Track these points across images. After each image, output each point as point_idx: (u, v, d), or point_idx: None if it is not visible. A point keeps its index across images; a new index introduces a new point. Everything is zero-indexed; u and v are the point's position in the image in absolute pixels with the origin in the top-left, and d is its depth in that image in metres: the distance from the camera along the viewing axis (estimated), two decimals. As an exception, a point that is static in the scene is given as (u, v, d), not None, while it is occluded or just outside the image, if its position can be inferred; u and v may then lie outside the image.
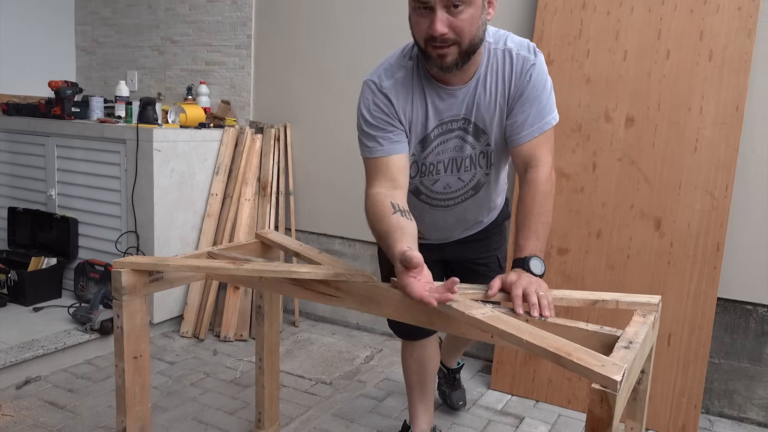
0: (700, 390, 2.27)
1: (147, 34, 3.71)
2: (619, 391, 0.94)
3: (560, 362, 1.03)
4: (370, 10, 3.01)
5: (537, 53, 1.50)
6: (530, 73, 1.48)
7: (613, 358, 1.03)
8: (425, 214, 1.70)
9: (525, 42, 1.51)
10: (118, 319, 1.51)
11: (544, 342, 1.07)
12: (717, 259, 2.24)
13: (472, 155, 1.58)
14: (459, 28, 1.34)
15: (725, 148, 2.23)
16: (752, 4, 2.20)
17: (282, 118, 3.31)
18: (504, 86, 1.49)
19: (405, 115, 1.51)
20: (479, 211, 1.74)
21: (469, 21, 1.34)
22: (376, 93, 1.51)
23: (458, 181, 1.63)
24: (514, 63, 1.48)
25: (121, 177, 2.96)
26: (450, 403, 2.35)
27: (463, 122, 1.53)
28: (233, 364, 2.74)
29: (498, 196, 1.74)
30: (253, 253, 1.88)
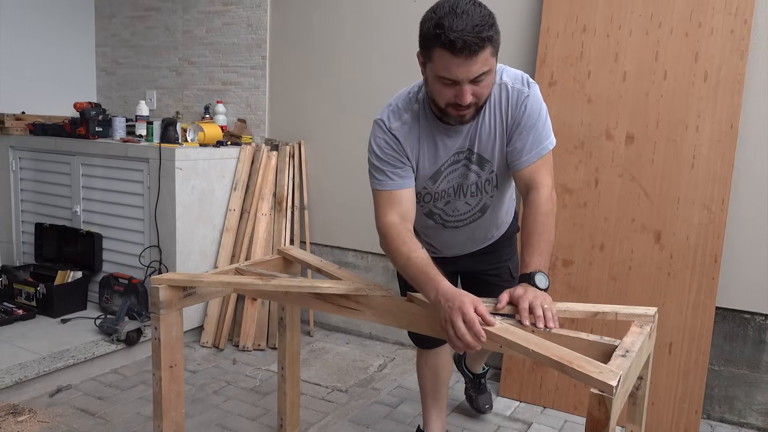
0: (701, 396, 2.37)
1: (165, 56, 3.87)
2: (615, 395, 1.06)
3: (563, 370, 1.14)
4: (381, 32, 3.14)
5: (531, 85, 1.62)
6: (525, 104, 1.60)
7: (610, 366, 1.15)
8: (438, 234, 1.85)
9: (519, 75, 1.63)
10: (155, 331, 1.64)
11: (548, 351, 1.19)
12: (715, 270, 2.35)
13: (477, 182, 1.71)
14: (480, 94, 1.48)
15: (721, 164, 2.35)
16: (744, 27, 2.32)
17: (296, 135, 3.44)
18: (502, 117, 1.62)
19: (412, 154, 1.64)
20: (488, 228, 1.87)
21: (487, 85, 1.49)
22: (386, 132, 1.64)
23: (466, 204, 1.76)
24: (509, 96, 1.60)
25: (144, 194, 3.10)
26: (476, 406, 2.46)
27: (467, 153, 1.66)
28: (252, 372, 2.86)
29: (506, 213, 1.87)
30: (276, 268, 2.00)
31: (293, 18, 3.40)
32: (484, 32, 1.37)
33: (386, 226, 1.58)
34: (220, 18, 3.61)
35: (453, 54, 1.38)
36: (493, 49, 1.42)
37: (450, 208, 1.77)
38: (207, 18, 3.66)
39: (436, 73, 1.45)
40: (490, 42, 1.40)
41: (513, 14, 2.79)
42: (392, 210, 1.60)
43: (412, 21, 2.99)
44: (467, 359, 2.45)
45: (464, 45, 1.36)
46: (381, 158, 1.63)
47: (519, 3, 2.77)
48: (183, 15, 3.75)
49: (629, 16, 2.49)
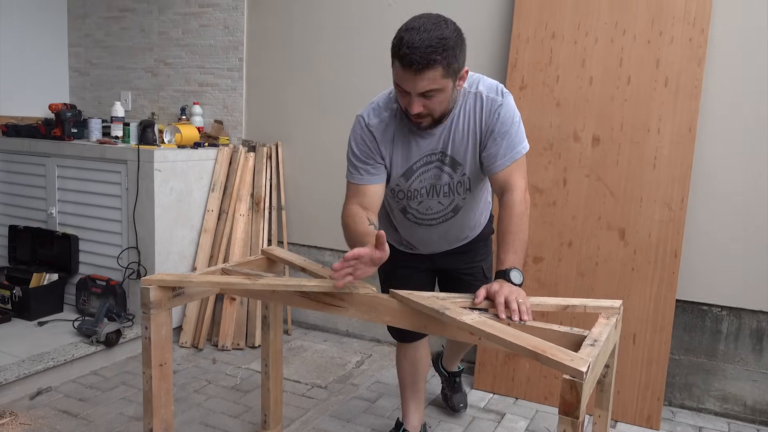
0: (663, 384, 2.51)
1: (141, 57, 3.87)
2: (585, 380, 1.16)
3: (537, 358, 1.24)
4: (359, 34, 3.22)
5: (504, 95, 1.73)
6: (498, 112, 1.71)
7: (580, 354, 1.25)
8: (414, 231, 1.96)
9: (494, 85, 1.75)
10: (146, 331, 1.69)
11: (523, 341, 1.28)
12: (675, 265, 2.49)
13: (450, 183, 1.82)
14: (431, 108, 1.61)
15: (680, 165, 2.49)
16: (701, 36, 2.46)
17: (273, 136, 3.50)
18: (476, 124, 1.73)
19: (386, 151, 1.77)
20: (461, 228, 1.97)
21: (440, 102, 1.60)
22: (364, 129, 1.78)
23: (438, 204, 1.87)
24: (483, 104, 1.72)
25: (122, 196, 3.12)
26: (451, 405, 2.53)
27: (440, 155, 1.78)
28: (233, 371, 2.91)
29: (480, 215, 1.97)
30: (261, 267, 2.06)
31: (270, 20, 3.45)
32: (433, 54, 1.48)
33: (345, 211, 1.77)
34: (197, 20, 3.63)
35: (402, 67, 1.53)
36: (444, 71, 1.52)
37: (423, 207, 1.88)
38: (183, 19, 3.68)
39: (394, 80, 1.61)
40: (440, 64, 1.50)
41: (485, 21, 2.89)
42: (355, 200, 1.77)
43: (390, 24, 3.09)
44: (443, 358, 2.54)
45: (411, 62, 1.49)
46: (356, 153, 1.78)
47: (491, 10, 2.87)
48: (159, 16, 3.76)
49: (595, 23, 2.61)
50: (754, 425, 2.56)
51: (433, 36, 1.49)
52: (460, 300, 1.58)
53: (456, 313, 1.46)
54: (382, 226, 2.06)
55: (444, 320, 1.48)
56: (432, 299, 1.57)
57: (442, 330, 1.56)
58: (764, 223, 2.48)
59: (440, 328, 1.56)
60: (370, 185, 1.78)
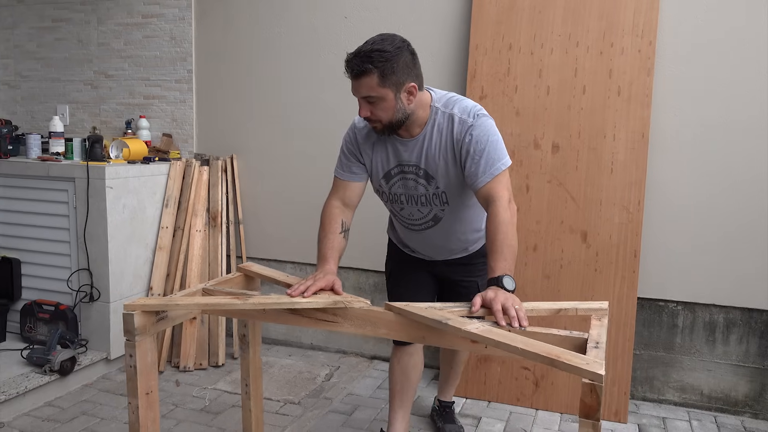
0: (628, 379, 2.63)
1: (78, 69, 3.69)
2: (603, 382, 1.20)
3: (553, 364, 1.27)
4: (312, 47, 3.19)
5: (478, 117, 1.81)
6: (470, 133, 1.79)
7: (591, 357, 1.29)
8: (405, 234, 2.09)
9: (470, 108, 1.83)
10: (130, 359, 1.60)
11: (536, 348, 1.31)
12: (635, 265, 2.61)
13: (425, 194, 1.92)
14: (376, 114, 1.76)
15: (635, 169, 2.62)
16: (649, 47, 2.61)
17: (227, 149, 3.41)
18: (447, 144, 1.83)
19: (367, 154, 1.93)
20: (446, 238, 2.01)
21: (383, 109, 1.75)
22: (353, 130, 1.96)
23: (418, 212, 1.97)
24: (455, 125, 1.82)
25: (70, 215, 2.96)
26: None
27: (415, 168, 1.89)
28: (199, 393, 2.81)
29: (471, 230, 2.02)
30: (239, 285, 2.01)
31: (219, 31, 3.37)
32: (368, 62, 1.66)
33: (327, 207, 1.94)
34: (140, 30, 3.50)
35: (346, 71, 1.72)
36: (380, 80, 1.68)
37: (406, 213, 1.99)
38: (125, 30, 3.53)
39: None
40: (373, 73, 1.67)
41: (443, 32, 2.94)
42: (336, 195, 1.95)
43: (345, 37, 3.10)
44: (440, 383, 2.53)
45: (350, 68, 1.70)
46: (344, 150, 1.96)
47: (449, 22, 2.93)
48: (98, 27, 3.60)
49: (550, 35, 2.71)
50: (711, 412, 2.72)
51: (373, 48, 1.67)
52: (456, 309, 1.60)
53: (459, 323, 1.47)
54: (388, 226, 2.22)
55: (447, 330, 1.49)
56: (430, 310, 1.58)
57: (440, 340, 1.57)
58: (713, 222, 2.64)
59: (439, 338, 1.56)
60: (351, 182, 1.94)
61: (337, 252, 1.87)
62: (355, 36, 3.09)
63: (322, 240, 1.89)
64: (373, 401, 2.75)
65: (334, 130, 3.18)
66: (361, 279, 3.23)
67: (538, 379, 2.73)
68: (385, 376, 3.04)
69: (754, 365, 2.67)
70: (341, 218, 1.91)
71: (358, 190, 1.96)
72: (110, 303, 2.92)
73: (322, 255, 1.85)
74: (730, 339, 2.69)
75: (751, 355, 2.67)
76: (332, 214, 1.92)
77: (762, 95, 2.55)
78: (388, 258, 2.25)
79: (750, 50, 2.55)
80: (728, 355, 2.69)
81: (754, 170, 2.58)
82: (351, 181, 1.94)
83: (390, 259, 2.24)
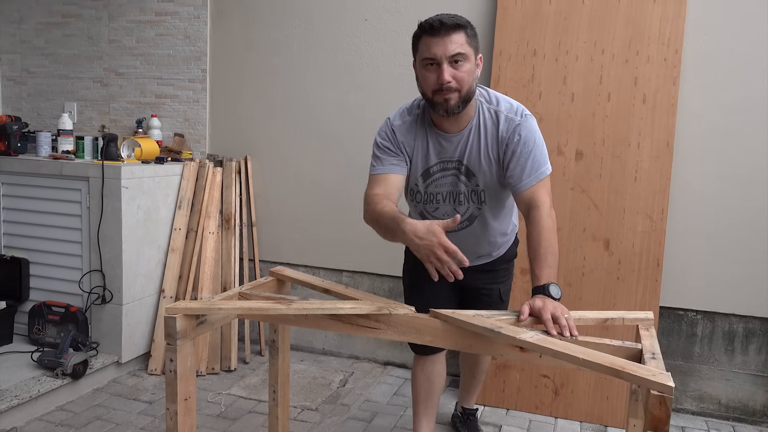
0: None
1: (87, 65, 3.62)
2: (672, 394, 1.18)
3: (618, 375, 1.25)
4: (330, 49, 3.17)
5: (525, 116, 1.80)
6: (519, 133, 1.77)
7: (654, 368, 1.28)
8: None
9: (515, 106, 1.82)
10: (171, 363, 1.56)
11: (598, 359, 1.29)
12: (657, 273, 2.61)
13: (465, 192, 1.88)
14: (460, 78, 1.68)
15: (660, 177, 2.62)
16: (675, 56, 2.61)
17: (240, 150, 3.37)
18: (493, 141, 1.80)
19: (408, 148, 1.86)
20: (477, 241, 1.97)
21: (467, 73, 1.70)
22: (388, 126, 1.89)
23: (454, 211, 1.91)
24: (501, 123, 1.79)
25: (82, 215, 2.90)
26: None
27: (457, 163, 1.85)
28: (214, 398, 2.76)
29: (501, 233, 2.00)
30: (271, 289, 1.97)
31: (236, 31, 3.33)
32: (458, 20, 1.67)
33: (368, 196, 1.79)
34: (153, 28, 3.45)
35: (432, 35, 1.66)
36: (468, 38, 1.68)
37: (439, 213, 1.93)
38: (137, 27, 3.48)
39: (421, 58, 1.71)
40: (464, 29, 1.67)
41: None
42: (377, 187, 1.80)
43: (364, 40, 3.09)
44: (461, 391, 2.49)
45: (441, 24, 1.64)
46: (380, 147, 1.86)
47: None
48: (109, 23, 3.54)
49: (575, 42, 2.71)
50: (729, 422, 2.72)
51: (452, 14, 1.69)
52: (504, 318, 1.58)
53: (513, 332, 1.45)
54: None
55: (499, 339, 1.46)
56: (478, 318, 1.55)
57: (488, 348, 1.55)
58: (735, 231, 2.65)
59: (486, 346, 1.54)
60: (390, 174, 1.83)
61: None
62: (375, 38, 3.07)
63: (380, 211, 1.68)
64: (391, 408, 2.72)
65: (351, 132, 3.16)
66: (376, 284, 3.20)
67: (557, 387, 2.71)
68: (400, 382, 3.01)
69: (772, 375, 2.68)
70: (386, 200, 1.73)
71: (399, 183, 1.83)
72: (123, 305, 2.86)
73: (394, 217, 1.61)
74: (749, 349, 2.69)
75: (770, 365, 2.68)
76: (377, 196, 1.74)
77: (785, 106, 2.56)
78: (406, 268, 2.14)
79: (774, 62, 2.56)
80: (747, 364, 2.70)
81: (777, 181, 2.60)
82: (390, 173, 1.82)
83: (408, 269, 2.12)
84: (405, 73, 3.03)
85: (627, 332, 2.60)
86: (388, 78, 3.06)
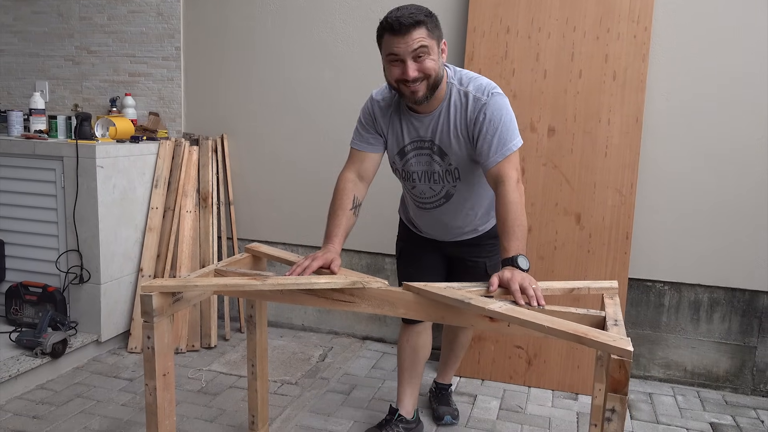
0: (618, 356, 2.71)
1: (59, 43, 3.57)
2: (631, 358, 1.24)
3: (580, 341, 1.31)
4: (305, 27, 3.16)
5: (492, 95, 1.84)
6: (484, 112, 1.83)
7: (615, 334, 1.34)
8: (416, 213, 2.11)
9: (484, 85, 1.86)
10: (148, 340, 1.59)
11: (562, 326, 1.35)
12: (627, 246, 2.69)
13: (439, 171, 1.94)
14: (425, 68, 1.74)
15: (629, 152, 2.68)
16: (645, 33, 2.66)
17: (216, 129, 3.36)
18: (461, 120, 1.86)
19: (384, 127, 1.95)
20: (455, 216, 2.03)
21: (432, 62, 1.75)
22: (371, 101, 1.97)
23: (430, 189, 1.99)
24: (469, 103, 1.85)
25: (57, 195, 2.88)
26: (437, 414, 2.45)
27: (429, 143, 1.92)
28: (195, 374, 2.80)
29: (480, 208, 2.04)
30: (247, 266, 2.00)
31: (209, 8, 3.30)
32: (417, 16, 1.70)
33: (340, 179, 1.96)
34: (125, 5, 3.40)
35: (393, 34, 1.71)
36: (428, 31, 1.72)
37: (418, 191, 2.01)
38: (109, 5, 3.43)
39: (385, 54, 1.76)
40: (423, 24, 1.70)
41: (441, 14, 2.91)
42: (353, 166, 1.96)
43: (338, 15, 3.07)
44: (440, 365, 2.55)
45: (400, 24, 1.69)
46: (361, 121, 1.97)
47: (446, 3, 2.93)
48: (79, 0, 3.48)
49: (547, 19, 2.74)
50: (694, 388, 2.83)
51: (412, 7, 1.73)
52: (475, 289, 1.63)
53: (482, 302, 1.50)
54: (400, 205, 2.26)
55: (469, 310, 1.52)
56: (449, 290, 1.60)
57: (459, 319, 1.60)
58: (701, 204, 2.73)
59: (458, 317, 1.59)
60: (367, 153, 1.96)
61: (344, 230, 1.88)
62: (348, 15, 3.07)
63: (331, 216, 1.90)
64: (369, 380, 2.78)
65: (327, 109, 3.17)
66: (354, 260, 3.24)
67: (530, 357, 2.80)
68: (378, 356, 3.07)
69: (735, 342, 2.79)
70: (353, 193, 1.92)
71: (374, 162, 1.97)
72: (101, 284, 2.87)
73: (328, 233, 1.87)
74: (713, 317, 2.79)
75: (733, 333, 2.78)
76: (345, 189, 1.92)
77: (753, 80, 2.63)
78: (399, 238, 2.27)
79: (742, 36, 2.62)
80: (711, 332, 2.80)
81: (742, 155, 2.67)
82: (367, 152, 1.96)
83: (400, 240, 2.26)
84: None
85: (597, 302, 2.68)
86: (362, 55, 3.07)
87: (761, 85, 2.62)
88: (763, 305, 2.73)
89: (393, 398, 2.38)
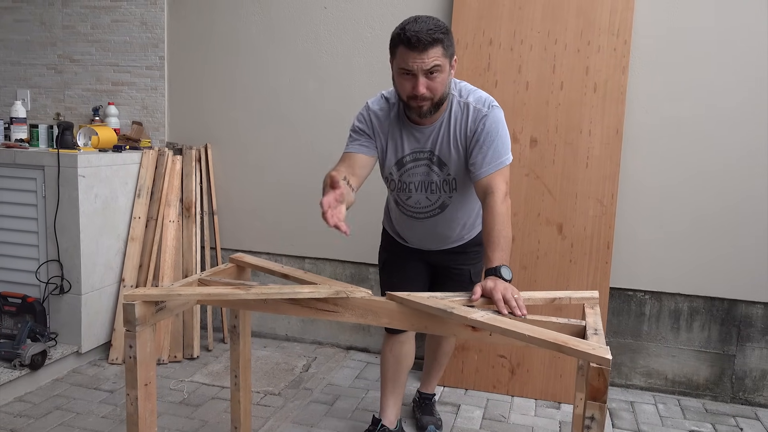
0: (600, 365, 2.73)
1: (41, 52, 3.55)
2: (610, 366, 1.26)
3: (561, 350, 1.32)
4: (289, 37, 3.17)
5: (492, 108, 1.88)
6: (483, 122, 1.86)
7: (595, 343, 1.35)
8: (404, 223, 2.11)
9: (484, 98, 1.89)
10: (130, 350, 1.58)
11: (543, 335, 1.36)
12: (608, 256, 2.72)
13: (437, 181, 1.96)
14: (434, 88, 1.76)
15: (610, 163, 2.72)
16: (624, 46, 2.70)
17: (200, 138, 3.35)
18: (464, 132, 1.88)
19: (382, 135, 1.93)
20: (448, 226, 2.06)
21: (441, 83, 1.76)
22: (367, 110, 1.96)
23: (426, 199, 2.00)
24: (470, 114, 1.87)
25: (38, 204, 2.85)
26: (420, 424, 2.45)
27: (429, 154, 1.92)
28: (176, 385, 2.77)
29: (470, 217, 2.07)
30: (231, 275, 2.00)
31: (194, 18, 3.30)
32: (435, 34, 1.69)
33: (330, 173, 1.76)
34: (109, 14, 3.39)
35: (409, 48, 1.69)
36: (444, 50, 1.72)
37: (413, 201, 2.01)
38: (92, 13, 3.42)
39: (398, 67, 1.76)
40: (441, 43, 1.70)
41: (422, 25, 2.96)
42: (341, 164, 1.89)
43: (324, 27, 3.09)
44: (423, 375, 2.55)
45: (418, 41, 1.67)
46: (355, 128, 1.94)
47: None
48: (62, 9, 3.46)
49: (529, 32, 2.78)
50: (675, 396, 2.86)
51: (431, 22, 1.71)
52: (458, 299, 1.64)
53: (464, 312, 1.51)
54: (384, 217, 2.24)
55: (452, 319, 1.52)
56: (432, 299, 1.61)
57: (442, 328, 1.61)
58: (681, 214, 2.77)
59: (441, 326, 1.60)
60: (358, 154, 1.90)
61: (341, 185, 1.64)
62: (334, 26, 3.09)
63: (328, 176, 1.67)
64: (353, 391, 2.78)
65: (311, 120, 3.18)
66: (338, 270, 3.24)
67: (514, 366, 2.81)
68: (362, 366, 3.07)
69: (715, 351, 2.82)
70: (343, 175, 1.78)
71: (366, 164, 1.91)
72: (82, 295, 2.84)
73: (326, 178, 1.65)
74: (693, 326, 2.83)
75: (712, 341, 2.82)
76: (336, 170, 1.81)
77: (731, 91, 2.68)
78: (382, 248, 2.27)
79: (718, 49, 2.68)
80: (691, 341, 2.84)
81: (721, 165, 2.72)
82: (359, 153, 1.90)
83: (384, 250, 2.26)
84: (364, 61, 3.06)
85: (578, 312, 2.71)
86: (346, 66, 3.09)
87: (739, 98, 2.67)
88: (741, 314, 2.78)
89: (376, 408, 2.37)
